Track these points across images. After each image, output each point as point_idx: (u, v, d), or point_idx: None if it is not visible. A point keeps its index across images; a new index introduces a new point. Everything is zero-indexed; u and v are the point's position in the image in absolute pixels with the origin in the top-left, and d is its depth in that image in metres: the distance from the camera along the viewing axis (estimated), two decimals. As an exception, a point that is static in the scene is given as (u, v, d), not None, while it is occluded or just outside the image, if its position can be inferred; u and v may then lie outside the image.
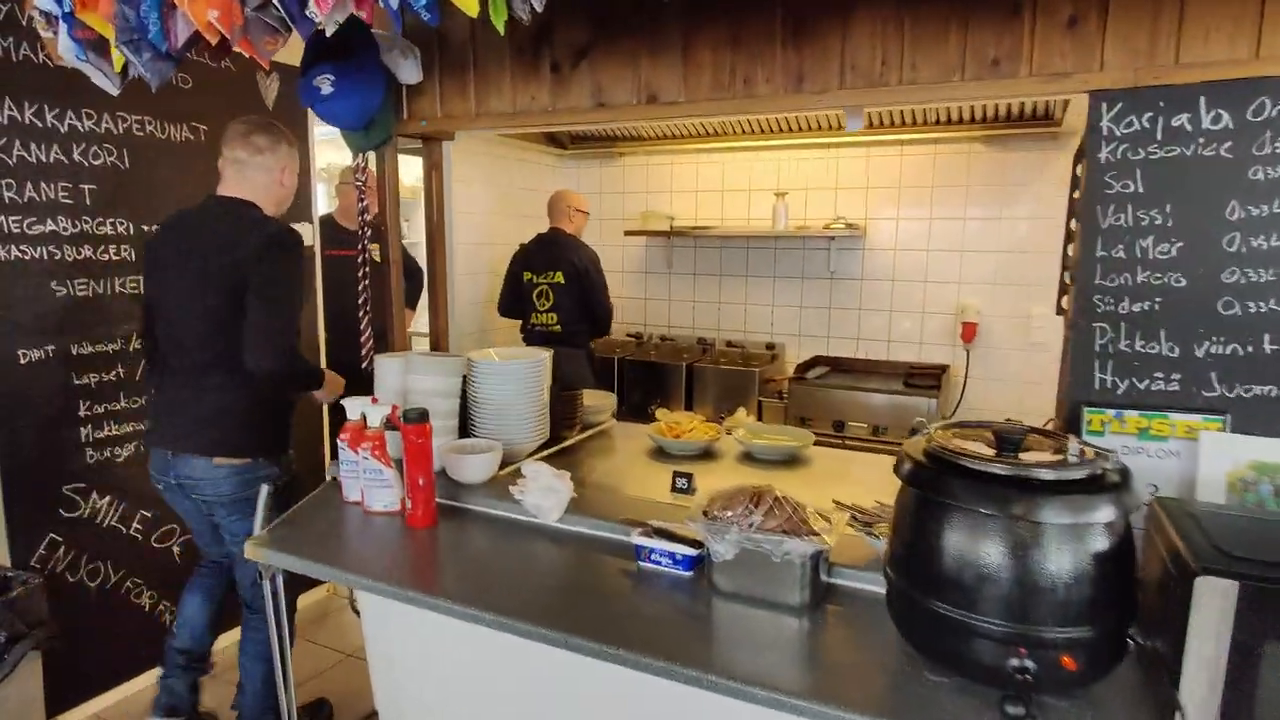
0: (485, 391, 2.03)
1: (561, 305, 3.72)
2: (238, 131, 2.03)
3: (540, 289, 3.75)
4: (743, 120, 3.96)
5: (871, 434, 3.55)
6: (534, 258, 3.80)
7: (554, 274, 3.72)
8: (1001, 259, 3.75)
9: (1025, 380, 3.78)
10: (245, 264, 1.92)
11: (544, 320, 3.75)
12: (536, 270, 3.77)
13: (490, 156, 4.15)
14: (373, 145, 2.04)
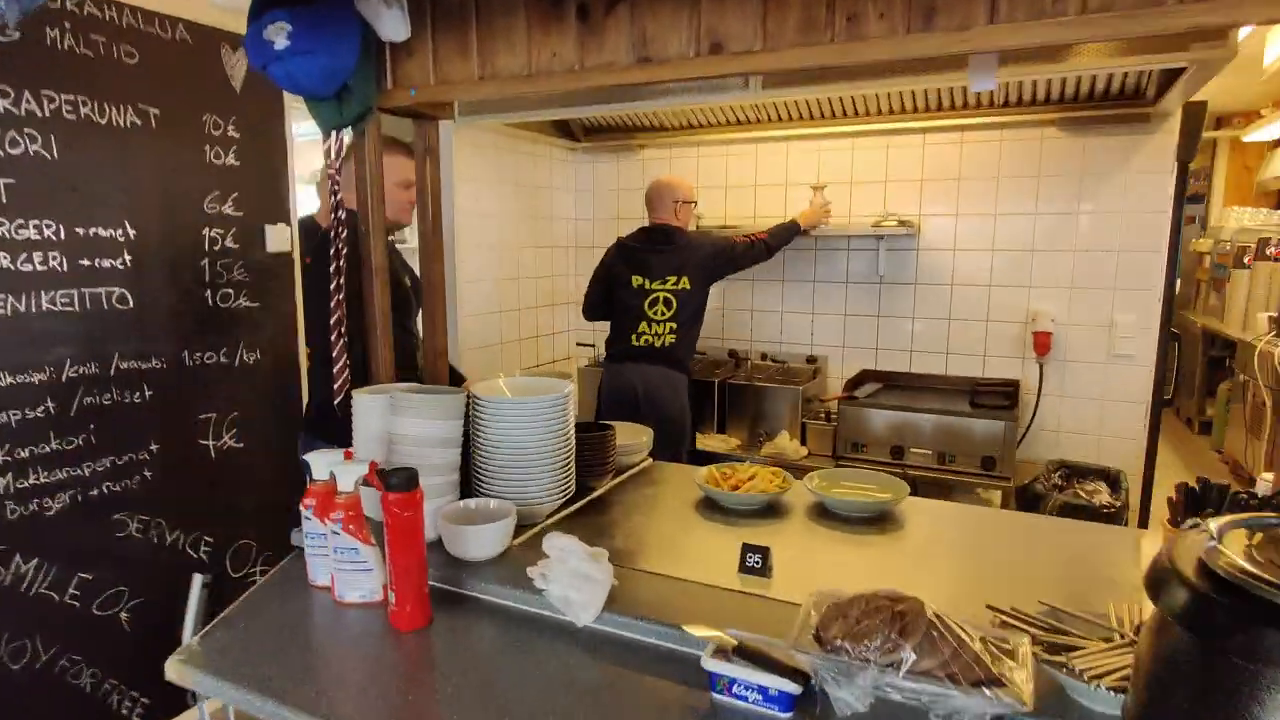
0: (494, 436, 1.58)
1: (682, 317, 3.16)
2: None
3: (656, 296, 3.15)
4: (780, 104, 3.51)
5: (937, 462, 3.09)
6: (646, 258, 3.19)
7: (679, 279, 3.14)
8: (1079, 260, 3.29)
9: (1108, 398, 3.31)
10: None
11: (656, 333, 3.15)
12: (653, 274, 3.16)
13: (496, 149, 3.71)
14: (349, 121, 1.60)
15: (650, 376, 3.12)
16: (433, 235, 1.91)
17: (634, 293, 3.17)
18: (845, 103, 3.41)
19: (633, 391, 3.12)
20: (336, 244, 1.68)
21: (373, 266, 1.75)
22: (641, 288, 3.17)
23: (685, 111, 3.71)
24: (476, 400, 1.58)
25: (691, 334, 3.24)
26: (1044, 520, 2.20)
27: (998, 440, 2.99)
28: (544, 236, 4.07)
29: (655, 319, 3.15)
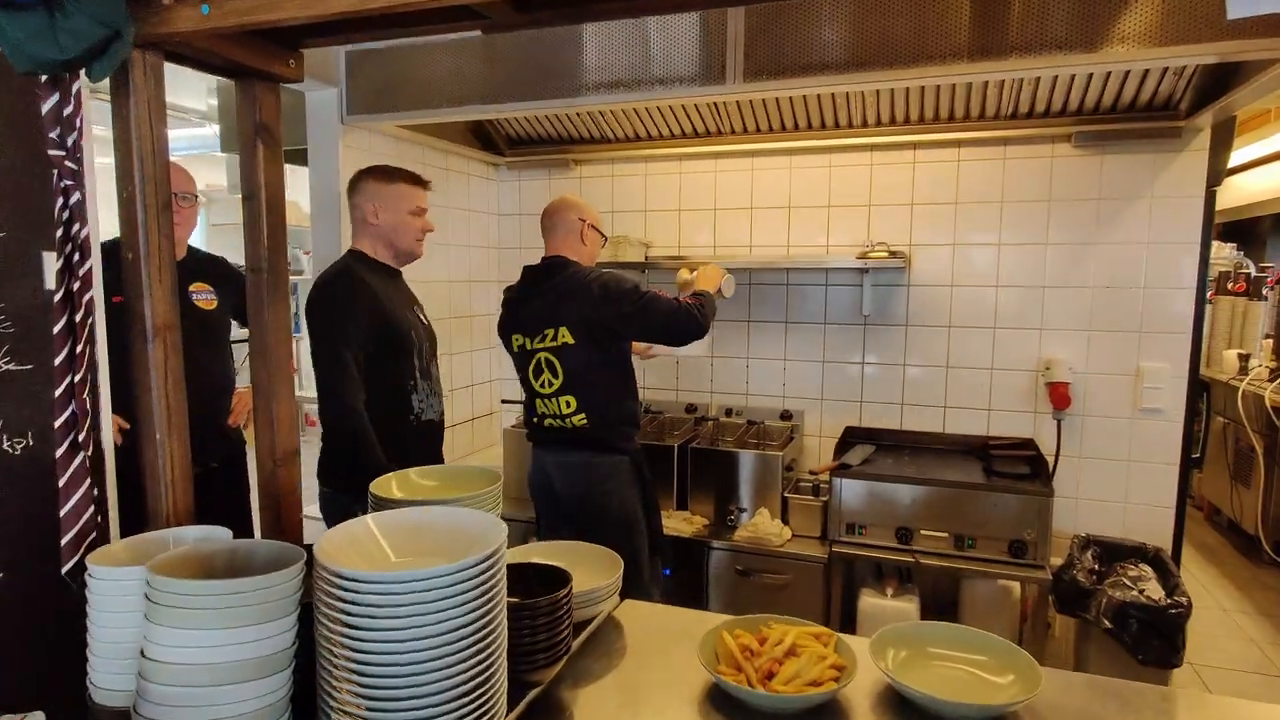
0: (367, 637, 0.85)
1: (577, 386, 2.26)
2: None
3: (538, 360, 2.29)
4: (747, 112, 2.92)
5: (955, 547, 2.50)
6: (522, 308, 2.34)
7: (555, 332, 2.26)
8: (1099, 298, 2.81)
9: (1135, 459, 2.82)
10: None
11: (555, 410, 2.28)
12: (530, 328, 2.30)
13: (398, 160, 2.97)
14: (75, 55, 0.87)
15: (569, 468, 2.31)
16: (268, 268, 1.18)
17: (518, 357, 2.36)
18: (824, 110, 2.86)
19: (551, 488, 2.36)
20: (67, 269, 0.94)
21: (144, 313, 1.01)
22: (523, 349, 2.33)
23: (631, 119, 3.09)
24: (329, 580, 0.85)
25: (608, 404, 2.29)
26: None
27: (1029, 518, 2.42)
28: (459, 268, 3.35)
29: (543, 391, 2.30)
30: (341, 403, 1.98)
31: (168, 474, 1.04)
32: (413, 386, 2.12)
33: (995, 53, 1.98)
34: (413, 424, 2.12)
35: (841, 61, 2.09)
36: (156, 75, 1.00)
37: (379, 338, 2.03)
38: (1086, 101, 2.60)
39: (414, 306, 2.24)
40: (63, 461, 0.95)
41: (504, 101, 2.49)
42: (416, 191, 2.18)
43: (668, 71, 2.27)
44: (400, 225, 2.15)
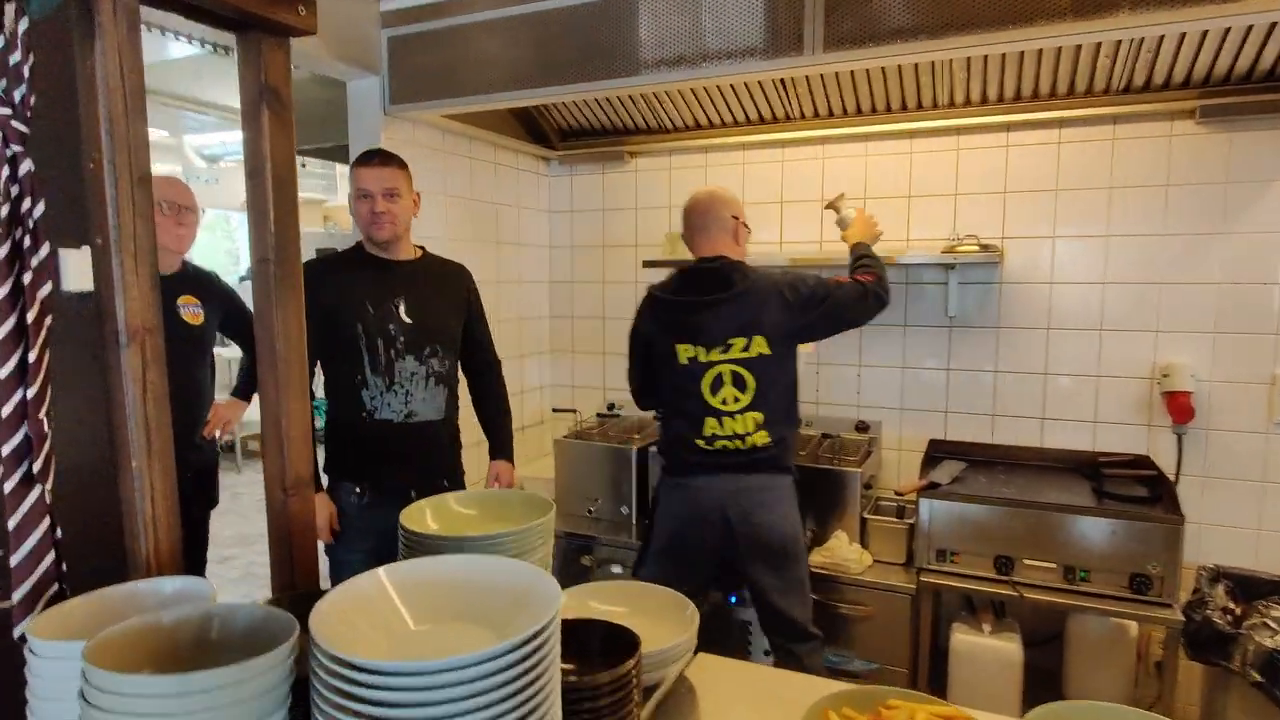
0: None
1: (770, 400, 2.07)
2: None
3: (719, 374, 2.06)
4: (818, 95, 2.66)
5: (1063, 580, 2.19)
6: (693, 316, 2.07)
7: (749, 342, 2.05)
8: (1226, 295, 2.46)
9: (1270, 478, 2.46)
10: None
11: (735, 430, 2.06)
12: (709, 339, 2.06)
13: (443, 154, 2.80)
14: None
15: (745, 494, 2.07)
16: (277, 257, 0.98)
17: (684, 372, 2.09)
18: (905, 89, 2.58)
19: (718, 518, 2.09)
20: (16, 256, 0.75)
21: (116, 312, 0.82)
22: (694, 362, 2.08)
23: (690, 104, 2.86)
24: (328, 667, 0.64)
25: (787, 420, 2.13)
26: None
27: (1154, 549, 2.10)
28: (509, 268, 3.16)
29: (725, 409, 2.07)
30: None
31: (147, 510, 0.85)
32: (361, 382, 2.07)
33: (1109, 7, 1.69)
34: (366, 421, 2.07)
35: (936, 24, 1.82)
36: (130, 17, 0.81)
37: (322, 331, 1.97)
38: (1216, 69, 2.27)
39: (396, 299, 2.11)
40: (13, 498, 0.77)
41: (554, 85, 2.28)
42: (362, 172, 2.08)
43: (735, 43, 2.03)
44: (355, 211, 2.11)
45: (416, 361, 2.12)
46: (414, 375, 2.13)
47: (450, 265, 2.33)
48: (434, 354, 2.16)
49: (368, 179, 2.07)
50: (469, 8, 2.35)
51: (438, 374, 2.17)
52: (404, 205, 2.11)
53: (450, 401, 2.24)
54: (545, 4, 2.24)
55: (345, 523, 2.14)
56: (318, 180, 5.93)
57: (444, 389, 2.20)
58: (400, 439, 2.12)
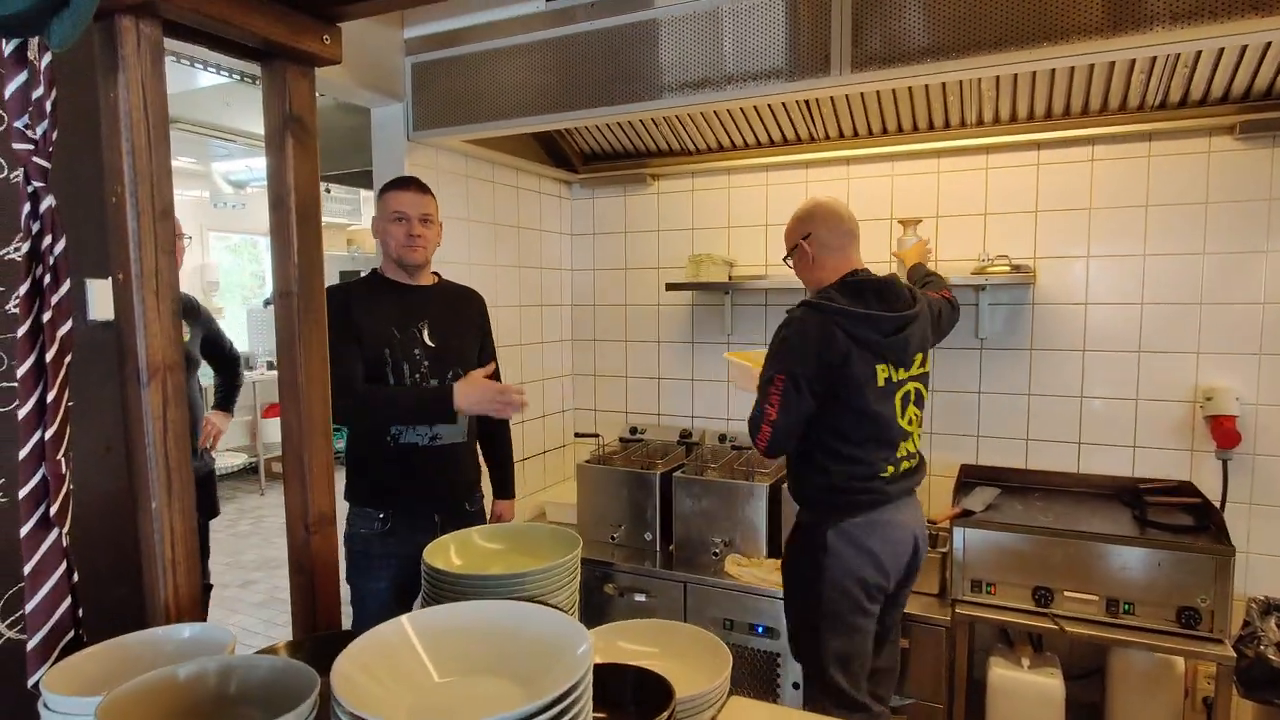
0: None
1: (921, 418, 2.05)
2: None
3: (908, 392, 1.96)
4: (843, 114, 2.63)
5: (1105, 613, 2.11)
6: (890, 335, 1.88)
7: (924, 359, 2.02)
8: (1270, 315, 2.38)
9: (1322, 507, 2.36)
10: None
11: (910, 451, 1.98)
12: (902, 357, 1.92)
13: (466, 179, 2.81)
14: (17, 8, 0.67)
15: (921, 524, 2.02)
16: (300, 290, 0.96)
17: (881, 394, 1.90)
18: (932, 108, 2.55)
19: (909, 549, 1.97)
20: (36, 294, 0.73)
21: (138, 348, 0.80)
22: (889, 382, 1.91)
23: (713, 126, 2.84)
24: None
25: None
26: None
27: (1203, 581, 2.02)
28: (531, 292, 3.15)
29: (910, 430, 1.97)
30: (336, 405, 2.00)
31: (166, 553, 0.82)
32: None
33: (1143, 22, 1.65)
34: (390, 445, 2.05)
35: (964, 43, 1.79)
36: (154, 50, 0.79)
37: (353, 354, 2.01)
38: (1256, 84, 2.21)
39: (420, 323, 2.10)
40: (29, 542, 0.74)
41: (576, 109, 2.27)
42: (396, 196, 2.08)
43: (759, 65, 2.01)
44: (386, 234, 2.11)
45: (440, 384, 2.11)
46: None
47: (465, 290, 2.33)
48: (456, 377, 2.14)
49: (406, 203, 2.08)
50: (491, 34, 2.36)
51: None
52: (435, 232, 2.15)
53: (471, 423, 2.23)
54: (566, 29, 2.24)
55: (367, 550, 2.11)
56: (341, 205, 6.00)
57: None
58: (425, 462, 2.11)
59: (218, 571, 4.76)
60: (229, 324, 7.37)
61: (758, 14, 1.99)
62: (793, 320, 1.90)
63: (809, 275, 2.05)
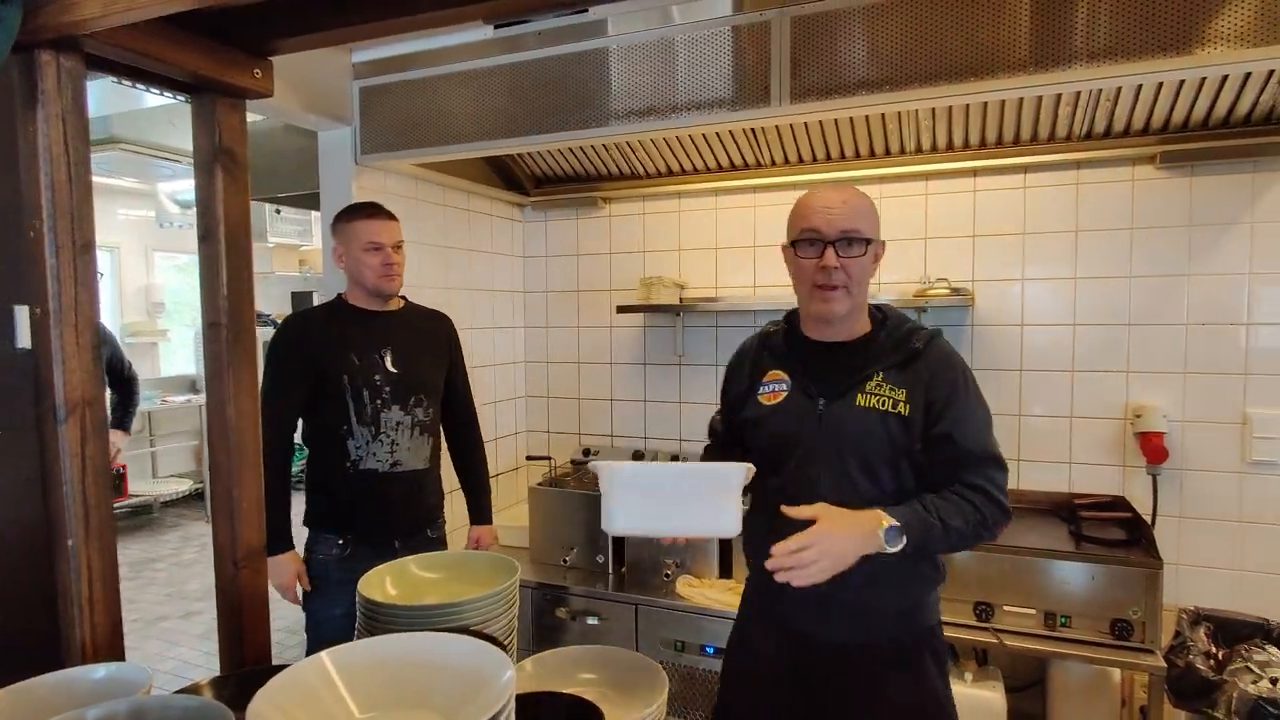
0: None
1: None
2: None
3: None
4: (787, 142, 2.71)
5: (1044, 626, 2.17)
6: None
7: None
8: (1195, 336, 2.49)
9: (1245, 518, 2.46)
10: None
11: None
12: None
13: (416, 201, 2.80)
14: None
15: None
16: (230, 321, 0.96)
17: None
18: (873, 136, 2.63)
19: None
20: None
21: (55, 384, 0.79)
22: None
23: (663, 152, 2.89)
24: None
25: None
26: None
27: (1134, 593, 2.09)
28: (483, 315, 3.14)
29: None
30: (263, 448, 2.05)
31: (84, 590, 0.81)
32: (347, 432, 2.06)
33: (1065, 60, 1.74)
34: (349, 472, 2.05)
35: (898, 77, 1.86)
36: (75, 83, 0.79)
37: (312, 382, 2.04)
38: (1174, 117, 2.33)
39: (382, 349, 2.10)
40: None
41: (526, 135, 2.30)
42: (371, 225, 2.08)
43: (705, 95, 2.06)
44: (358, 263, 2.09)
45: (402, 411, 2.11)
46: (399, 425, 2.11)
47: (432, 314, 2.34)
48: (419, 404, 2.15)
49: (380, 232, 2.09)
50: (440, 60, 2.37)
51: (422, 423, 2.17)
52: (404, 257, 2.17)
53: (435, 450, 2.24)
54: (516, 56, 2.27)
55: (324, 575, 2.09)
56: (293, 225, 5.92)
57: (429, 438, 2.20)
58: (385, 489, 2.10)
59: (158, 601, 4.61)
60: (175, 346, 7.20)
61: (702, 47, 2.04)
62: (955, 352, 1.53)
63: (870, 278, 1.52)
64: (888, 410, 1.42)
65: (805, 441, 1.46)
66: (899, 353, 1.46)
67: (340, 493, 2.07)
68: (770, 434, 1.50)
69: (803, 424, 1.46)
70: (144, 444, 6.59)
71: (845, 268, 1.41)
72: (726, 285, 3.09)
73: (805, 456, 1.45)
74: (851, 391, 1.45)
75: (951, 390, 1.44)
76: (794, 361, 1.53)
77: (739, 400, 1.60)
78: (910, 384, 1.44)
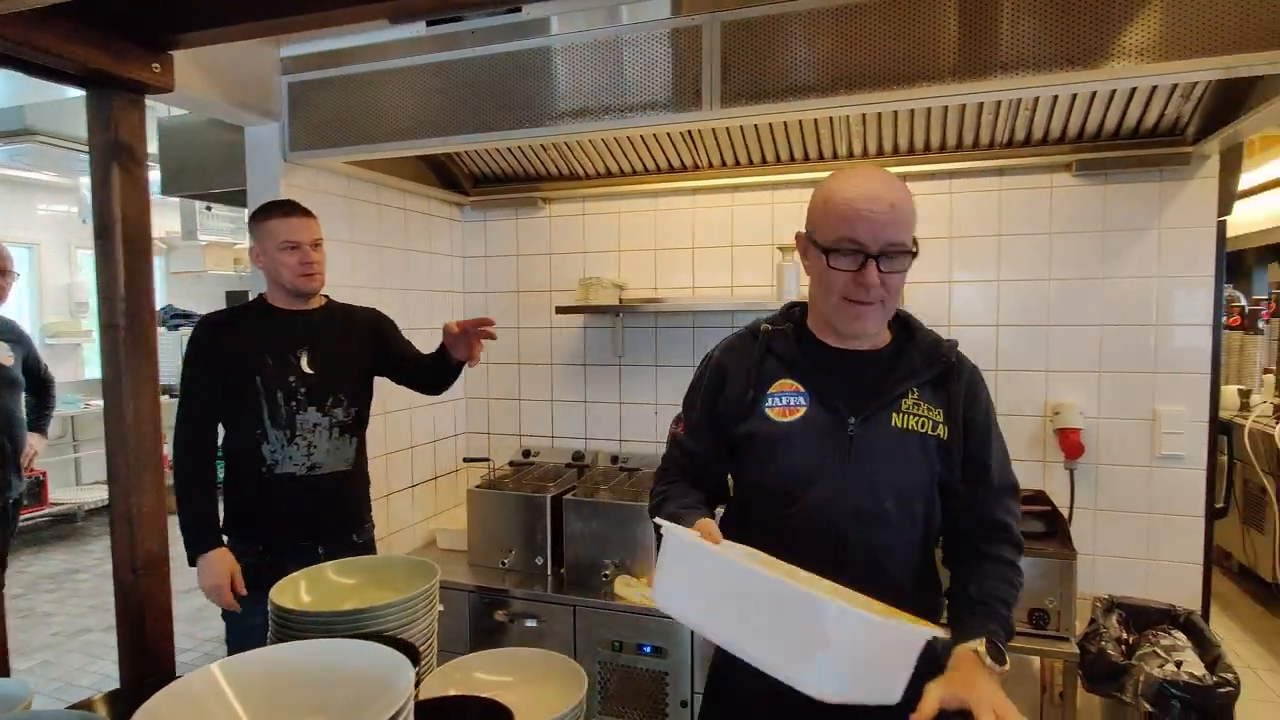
0: None
1: None
2: None
3: None
4: (725, 145, 2.74)
5: (967, 617, 2.23)
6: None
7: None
8: (1109, 336, 2.61)
9: (1155, 510, 2.59)
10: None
11: None
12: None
13: (349, 200, 2.75)
14: None
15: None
16: (127, 323, 0.93)
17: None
18: (807, 141, 2.68)
19: None
20: None
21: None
22: None
23: (602, 153, 2.90)
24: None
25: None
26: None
27: (1050, 584, 2.18)
28: (419, 315, 3.10)
29: None
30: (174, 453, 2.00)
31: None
32: (261, 436, 2.01)
33: (985, 71, 1.81)
34: (265, 476, 2.00)
35: (823, 83, 1.90)
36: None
37: (224, 384, 2.00)
38: (1087, 127, 2.44)
39: (299, 350, 2.06)
40: None
41: (463, 134, 2.27)
42: (286, 223, 2.03)
43: (640, 98, 2.07)
44: (274, 262, 2.04)
45: (319, 412, 2.07)
46: (316, 427, 2.07)
47: (358, 311, 2.29)
48: (338, 404, 2.11)
49: (297, 230, 2.04)
50: (373, 56, 2.33)
51: (342, 424, 2.12)
52: (324, 255, 2.12)
53: (359, 451, 2.18)
54: (451, 54, 2.24)
55: (245, 584, 2.03)
56: (226, 223, 5.74)
57: (351, 439, 2.15)
58: (303, 493, 2.05)
59: (80, 614, 4.42)
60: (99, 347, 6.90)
61: (639, 49, 2.05)
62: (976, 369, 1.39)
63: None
64: (926, 432, 1.24)
65: (832, 471, 1.23)
66: (933, 367, 1.29)
67: (257, 498, 2.02)
68: (785, 459, 1.25)
69: (829, 448, 1.23)
70: (67, 450, 6.31)
71: (885, 283, 1.20)
72: (666, 286, 3.11)
73: (830, 490, 1.22)
74: (885, 410, 1.24)
75: (986, 411, 1.32)
76: (810, 370, 1.29)
77: (737, 411, 1.31)
78: (948, 403, 1.27)
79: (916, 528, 1.26)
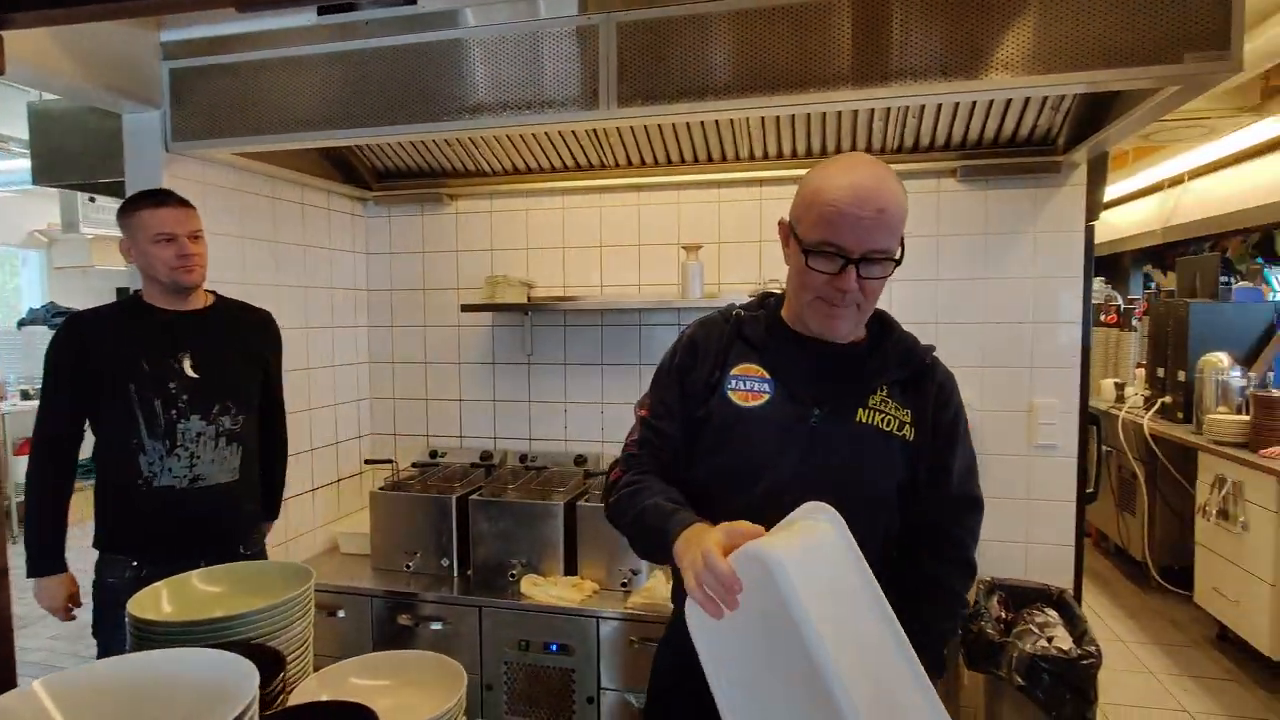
0: None
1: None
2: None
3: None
4: (631, 145, 2.76)
5: (860, 604, 2.33)
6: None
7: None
8: (990, 333, 2.76)
9: (1032, 496, 2.76)
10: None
11: None
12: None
13: (248, 196, 2.64)
14: None
15: None
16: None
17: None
18: (709, 142, 2.73)
19: None
20: None
21: None
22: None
23: (509, 150, 2.87)
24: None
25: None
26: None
27: (935, 570, 2.28)
28: (319, 313, 3.01)
29: None
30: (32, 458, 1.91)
31: None
32: (137, 446, 1.89)
33: (876, 79, 1.88)
34: (142, 489, 1.89)
35: (719, 86, 1.95)
36: None
37: (92, 391, 1.88)
38: (969, 135, 2.57)
39: (180, 353, 1.95)
40: None
41: (360, 127, 2.21)
42: (159, 214, 1.92)
43: (540, 95, 2.06)
44: (148, 257, 1.93)
45: (203, 421, 1.96)
46: (200, 436, 1.96)
47: (250, 312, 2.19)
48: (225, 411, 2.00)
49: (171, 221, 1.92)
50: (263, 43, 2.24)
51: (230, 432, 2.01)
52: (205, 248, 2.00)
53: (246, 461, 2.07)
54: (347, 44, 2.18)
55: (117, 602, 1.91)
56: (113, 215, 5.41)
57: (238, 448, 2.04)
58: (184, 507, 1.94)
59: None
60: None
61: (539, 46, 2.05)
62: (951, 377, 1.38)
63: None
64: (892, 432, 1.21)
65: (788, 461, 1.19)
66: (906, 367, 1.27)
67: (132, 512, 1.91)
68: (742, 444, 1.22)
69: (788, 438, 1.20)
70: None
71: (864, 287, 1.18)
72: (574, 285, 3.11)
73: (783, 480, 1.18)
74: (851, 405, 1.22)
75: (955, 420, 1.29)
76: (777, 358, 1.26)
77: (700, 391, 1.28)
78: (917, 405, 1.24)
79: (876, 526, 1.20)
